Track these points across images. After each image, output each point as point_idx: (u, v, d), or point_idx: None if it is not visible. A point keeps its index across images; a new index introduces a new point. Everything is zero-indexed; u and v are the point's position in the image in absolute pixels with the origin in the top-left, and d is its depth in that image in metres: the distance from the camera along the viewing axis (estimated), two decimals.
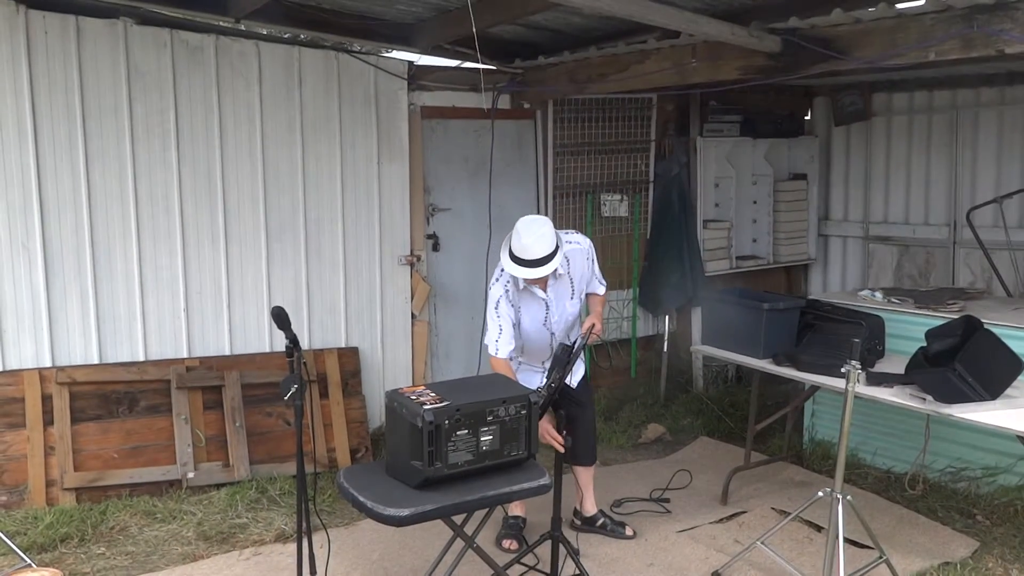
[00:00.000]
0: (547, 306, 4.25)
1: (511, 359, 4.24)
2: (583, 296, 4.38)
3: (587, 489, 4.65)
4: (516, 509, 4.60)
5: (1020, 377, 4.13)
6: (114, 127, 4.99)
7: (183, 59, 5.14)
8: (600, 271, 4.42)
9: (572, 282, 4.27)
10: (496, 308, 4.17)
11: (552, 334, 4.30)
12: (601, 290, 4.43)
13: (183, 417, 5.08)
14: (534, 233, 3.97)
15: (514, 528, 4.53)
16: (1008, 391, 4.06)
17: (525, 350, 4.36)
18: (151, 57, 5.04)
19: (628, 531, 4.59)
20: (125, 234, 5.08)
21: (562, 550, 3.90)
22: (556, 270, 4.09)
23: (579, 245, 4.27)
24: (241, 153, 5.38)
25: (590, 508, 4.65)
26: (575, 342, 3.99)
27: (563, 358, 3.80)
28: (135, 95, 5.02)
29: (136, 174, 5.07)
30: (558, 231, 4.11)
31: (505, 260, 4.05)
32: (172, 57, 5.10)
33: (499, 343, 4.17)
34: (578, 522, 4.65)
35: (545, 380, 3.91)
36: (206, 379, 5.21)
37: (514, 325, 4.21)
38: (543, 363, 4.37)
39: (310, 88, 5.56)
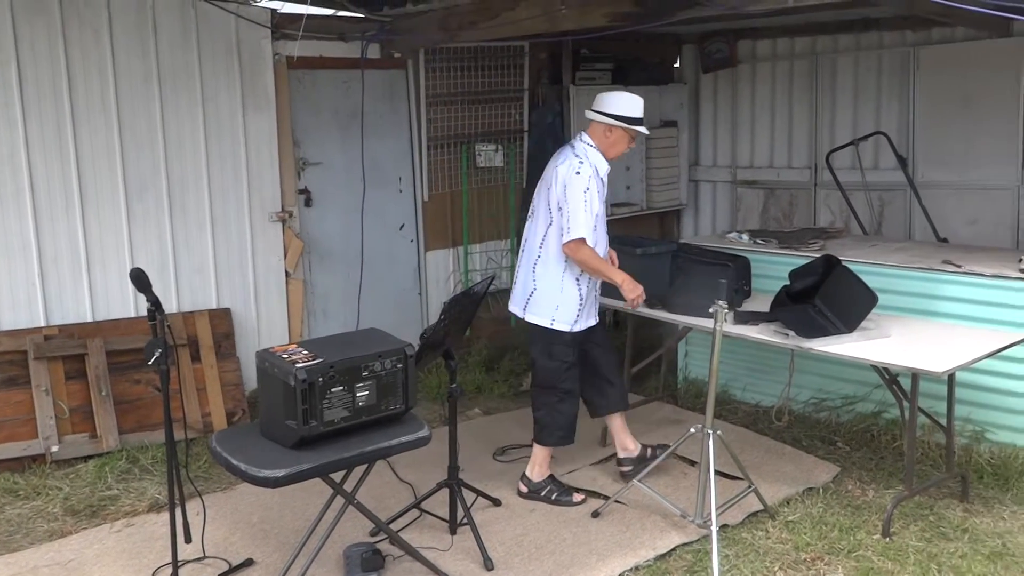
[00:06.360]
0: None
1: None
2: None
3: (624, 431, 4.60)
4: None
5: (875, 310, 4.35)
6: None
7: (22, 6, 4.78)
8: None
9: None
10: (586, 192, 4.09)
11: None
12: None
13: (43, 388, 4.83)
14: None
15: None
16: (864, 323, 4.27)
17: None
18: None
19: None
20: None
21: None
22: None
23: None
24: (93, 108, 5.08)
25: (632, 447, 4.60)
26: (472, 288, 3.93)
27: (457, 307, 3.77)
28: None
29: None
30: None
31: (628, 120, 4.11)
32: (10, 3, 4.74)
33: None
34: (628, 468, 4.54)
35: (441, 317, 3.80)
36: (67, 348, 4.96)
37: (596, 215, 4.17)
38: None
39: (166, 38, 5.28)
